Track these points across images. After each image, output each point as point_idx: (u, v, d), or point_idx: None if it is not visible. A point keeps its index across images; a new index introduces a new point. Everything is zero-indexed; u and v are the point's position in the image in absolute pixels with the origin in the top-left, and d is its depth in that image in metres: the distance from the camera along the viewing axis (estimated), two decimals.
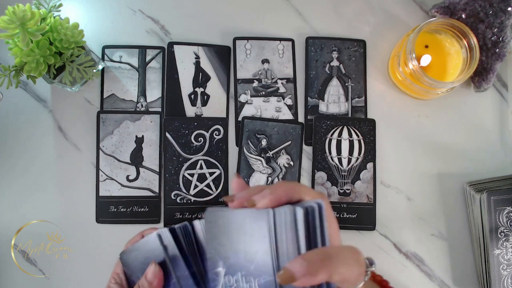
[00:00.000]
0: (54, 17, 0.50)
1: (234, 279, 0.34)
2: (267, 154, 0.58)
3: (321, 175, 0.57)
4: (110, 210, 0.56)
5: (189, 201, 0.57)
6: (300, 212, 0.31)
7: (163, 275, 0.40)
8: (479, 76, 0.57)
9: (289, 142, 0.58)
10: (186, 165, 0.57)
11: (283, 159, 0.58)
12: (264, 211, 0.32)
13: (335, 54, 0.60)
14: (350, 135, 0.58)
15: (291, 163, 0.58)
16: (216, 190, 0.57)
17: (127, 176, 0.57)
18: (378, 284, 0.43)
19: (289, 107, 0.59)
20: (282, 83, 0.60)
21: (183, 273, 0.39)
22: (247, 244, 0.33)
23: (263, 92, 0.59)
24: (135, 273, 0.43)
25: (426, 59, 0.56)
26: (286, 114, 0.59)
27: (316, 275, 0.29)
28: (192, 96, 0.59)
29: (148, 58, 0.59)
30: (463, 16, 0.57)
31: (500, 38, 0.56)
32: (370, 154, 0.58)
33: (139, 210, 0.56)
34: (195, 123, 0.58)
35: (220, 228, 0.35)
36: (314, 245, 0.31)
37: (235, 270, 0.34)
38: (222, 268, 0.35)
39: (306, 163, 0.58)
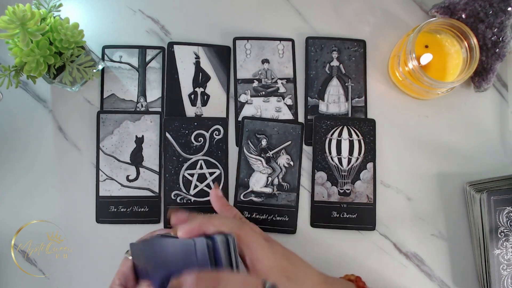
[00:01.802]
0: (54, 17, 0.50)
1: None
2: (267, 154, 0.58)
3: (321, 175, 0.57)
4: (110, 210, 0.56)
5: (189, 201, 0.57)
6: (205, 243, 0.37)
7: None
8: (479, 76, 0.57)
9: (289, 142, 0.58)
10: (186, 165, 0.57)
11: (283, 159, 0.58)
12: (188, 241, 0.38)
13: (335, 54, 0.60)
14: (350, 135, 0.58)
15: (291, 163, 0.58)
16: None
17: (127, 176, 0.57)
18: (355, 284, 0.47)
19: (289, 107, 0.59)
20: (282, 83, 0.60)
21: None
22: (169, 271, 0.38)
23: (263, 92, 0.59)
24: (151, 266, 0.42)
25: (426, 58, 0.56)
26: (286, 114, 0.59)
27: None
28: (192, 96, 0.59)
29: (148, 58, 0.59)
30: (463, 16, 0.57)
31: (500, 38, 0.56)
32: (370, 154, 0.58)
33: (139, 210, 0.56)
34: (195, 123, 0.58)
35: (150, 257, 0.41)
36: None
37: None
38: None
39: (306, 163, 0.58)
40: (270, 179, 0.57)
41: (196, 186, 0.57)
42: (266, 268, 0.40)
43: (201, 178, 0.57)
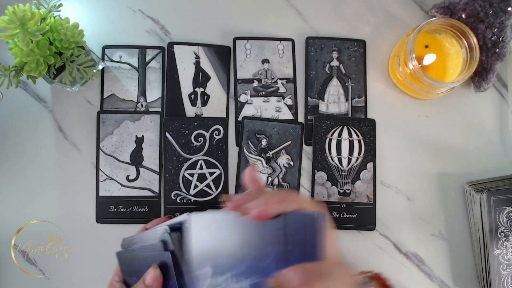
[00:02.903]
0: (54, 17, 0.50)
1: (222, 278, 0.34)
2: (267, 154, 0.58)
3: (321, 175, 0.57)
4: (110, 210, 0.56)
5: (189, 201, 0.57)
6: (315, 223, 0.31)
7: (162, 280, 0.39)
8: (479, 76, 0.57)
9: (289, 142, 0.58)
10: (186, 165, 0.57)
11: (283, 159, 0.58)
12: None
13: (335, 54, 0.60)
14: (350, 135, 0.58)
15: (291, 163, 0.58)
16: (216, 190, 0.57)
17: (127, 176, 0.57)
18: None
19: (289, 107, 0.59)
20: (282, 83, 0.60)
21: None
22: (240, 245, 0.33)
23: (263, 92, 0.59)
24: (134, 274, 0.42)
25: (429, 58, 0.56)
26: (286, 114, 0.59)
27: (311, 287, 0.29)
28: (192, 96, 0.59)
29: (148, 58, 0.59)
30: (463, 16, 0.57)
31: (500, 38, 0.56)
32: (370, 154, 0.58)
33: (139, 210, 0.56)
34: (195, 123, 0.58)
35: (209, 228, 0.35)
36: (310, 255, 0.32)
37: (224, 270, 0.34)
38: (210, 268, 0.35)
39: (306, 163, 0.58)
40: (270, 179, 0.57)
41: (196, 186, 0.57)
42: (332, 257, 0.35)
43: (201, 178, 0.57)
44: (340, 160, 0.58)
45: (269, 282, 0.31)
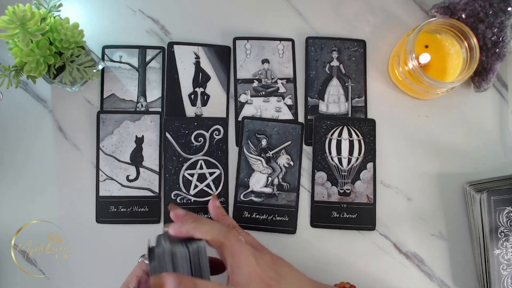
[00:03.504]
0: (54, 17, 0.50)
1: None
2: (267, 154, 0.58)
3: (321, 175, 0.57)
4: (110, 210, 0.56)
5: (189, 201, 0.57)
6: (198, 250, 0.41)
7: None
8: (479, 76, 0.57)
9: (289, 142, 0.58)
10: (186, 165, 0.57)
11: (283, 159, 0.58)
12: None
13: (335, 54, 0.60)
14: (350, 135, 0.58)
15: (291, 163, 0.58)
16: (216, 190, 0.57)
17: (127, 176, 0.57)
18: None
19: (289, 107, 0.59)
20: (282, 83, 0.60)
21: None
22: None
23: (263, 92, 0.59)
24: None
25: (424, 58, 0.56)
26: (286, 114, 0.59)
27: None
28: (192, 96, 0.59)
29: (148, 58, 0.59)
30: (463, 16, 0.57)
31: (500, 38, 0.56)
32: (370, 154, 0.58)
33: (139, 210, 0.56)
34: (195, 123, 0.58)
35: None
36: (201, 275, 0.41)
37: None
38: None
39: (306, 163, 0.58)
40: (270, 179, 0.57)
41: (196, 186, 0.57)
42: (245, 276, 0.40)
43: (201, 178, 0.57)
44: (340, 160, 0.58)
45: (149, 280, 0.39)
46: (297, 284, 0.43)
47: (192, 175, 0.57)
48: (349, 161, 0.58)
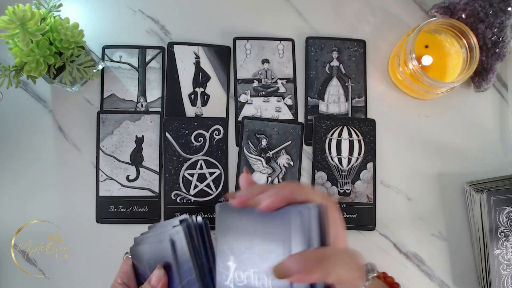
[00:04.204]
0: (54, 17, 0.50)
1: (245, 275, 0.34)
2: (267, 154, 0.58)
3: (321, 175, 0.57)
4: (110, 210, 0.56)
5: (189, 201, 0.57)
6: (314, 213, 0.31)
7: (167, 280, 0.40)
8: (479, 76, 0.57)
9: (289, 142, 0.58)
10: (186, 165, 0.57)
11: (283, 159, 0.58)
12: (279, 212, 0.32)
13: (335, 54, 0.60)
14: (350, 135, 0.58)
15: (291, 163, 0.58)
16: (216, 190, 0.57)
17: (127, 176, 0.57)
18: (389, 286, 0.42)
19: (289, 107, 0.59)
20: (282, 83, 0.60)
21: (189, 277, 0.39)
22: (262, 242, 0.33)
23: (263, 92, 0.59)
24: (143, 266, 0.43)
25: (427, 60, 0.56)
26: (286, 114, 0.59)
27: (311, 273, 0.29)
28: (192, 96, 0.59)
29: (148, 58, 0.59)
30: (463, 16, 0.57)
31: (500, 38, 0.56)
32: (370, 154, 0.58)
33: (139, 210, 0.56)
34: (195, 123, 0.58)
35: (233, 222, 0.35)
36: (312, 244, 0.31)
37: (247, 267, 0.34)
38: (233, 263, 0.35)
39: (306, 163, 0.58)
40: (270, 179, 0.57)
41: (196, 186, 0.57)
42: (338, 243, 0.35)
43: (201, 178, 0.57)
44: (340, 160, 0.58)
45: (271, 273, 0.30)
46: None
47: (192, 175, 0.57)
48: (349, 161, 0.58)
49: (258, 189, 0.34)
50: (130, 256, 0.45)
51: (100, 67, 0.57)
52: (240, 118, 0.58)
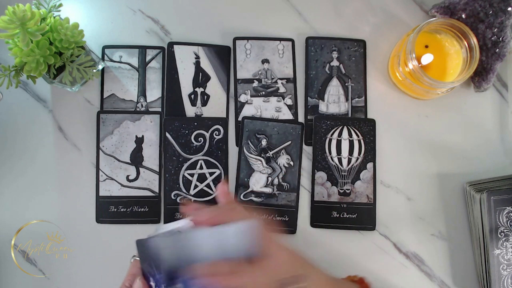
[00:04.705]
0: (54, 17, 0.50)
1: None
2: (267, 154, 0.58)
3: (321, 175, 0.57)
4: (110, 210, 0.56)
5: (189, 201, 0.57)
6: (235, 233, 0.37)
7: None
8: (479, 76, 0.57)
9: (289, 142, 0.58)
10: (186, 165, 0.57)
11: (283, 159, 0.58)
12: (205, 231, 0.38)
13: (335, 54, 0.60)
14: (350, 135, 0.58)
15: (291, 163, 0.58)
16: (216, 190, 0.57)
17: (127, 176, 0.57)
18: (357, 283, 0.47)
19: (289, 107, 0.59)
20: (282, 83, 0.60)
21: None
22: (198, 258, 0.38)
23: (263, 92, 0.59)
24: (147, 262, 0.42)
25: (427, 58, 0.56)
26: (286, 114, 0.59)
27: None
28: (192, 96, 0.59)
29: (148, 58, 0.59)
30: (463, 16, 0.57)
31: (500, 38, 0.56)
32: (370, 154, 0.58)
33: (139, 210, 0.56)
34: (195, 123, 0.58)
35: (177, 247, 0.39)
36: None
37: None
38: (181, 284, 0.38)
39: (306, 163, 0.58)
40: (270, 179, 0.57)
41: (196, 186, 0.57)
42: (280, 264, 0.39)
43: (201, 178, 0.57)
44: (340, 160, 0.58)
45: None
46: (316, 275, 0.43)
47: (192, 175, 0.57)
48: (349, 161, 0.58)
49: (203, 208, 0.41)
50: (138, 259, 0.44)
51: (100, 67, 0.57)
52: (240, 118, 0.58)
